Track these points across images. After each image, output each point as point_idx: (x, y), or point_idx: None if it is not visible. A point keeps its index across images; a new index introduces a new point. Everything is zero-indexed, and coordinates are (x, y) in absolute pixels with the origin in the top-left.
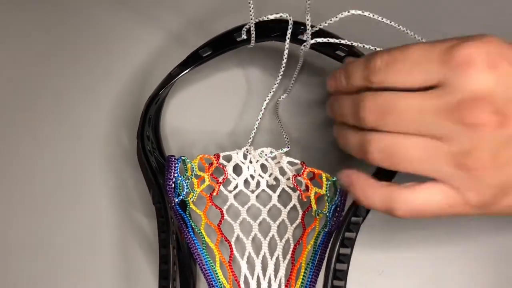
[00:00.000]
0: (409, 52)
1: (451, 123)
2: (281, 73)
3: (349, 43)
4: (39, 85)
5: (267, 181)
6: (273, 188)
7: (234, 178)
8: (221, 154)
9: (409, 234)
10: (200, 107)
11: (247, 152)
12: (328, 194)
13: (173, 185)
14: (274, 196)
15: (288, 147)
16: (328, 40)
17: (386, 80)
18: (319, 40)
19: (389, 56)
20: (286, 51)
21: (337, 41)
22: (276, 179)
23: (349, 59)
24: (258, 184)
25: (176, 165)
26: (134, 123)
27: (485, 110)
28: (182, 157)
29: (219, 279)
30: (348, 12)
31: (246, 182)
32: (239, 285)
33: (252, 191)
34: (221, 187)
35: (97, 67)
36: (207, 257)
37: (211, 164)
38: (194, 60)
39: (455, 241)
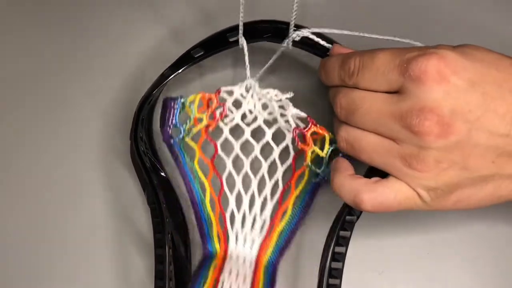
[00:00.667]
0: (376, 59)
1: (401, 127)
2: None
3: (326, 45)
4: (31, 87)
5: (264, 118)
6: (269, 125)
7: (231, 112)
8: (222, 89)
9: (409, 234)
10: None
11: (250, 87)
12: (327, 160)
13: (170, 130)
14: (269, 133)
15: (291, 94)
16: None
17: (358, 83)
18: (300, 35)
19: (361, 61)
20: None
21: (316, 31)
22: (275, 120)
23: (324, 59)
24: (255, 119)
25: (176, 110)
26: (127, 124)
27: (430, 121)
28: (182, 100)
29: (207, 212)
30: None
31: (244, 117)
32: (224, 219)
33: (248, 124)
34: (218, 122)
35: (89, 69)
36: (199, 190)
37: (209, 100)
38: (186, 60)
39: (455, 241)
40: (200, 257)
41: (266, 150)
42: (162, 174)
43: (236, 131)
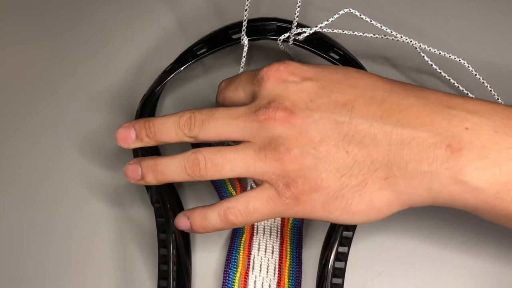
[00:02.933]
0: (239, 77)
1: (251, 124)
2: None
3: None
4: (33, 84)
5: None
6: None
7: None
8: None
9: (409, 234)
10: (195, 105)
11: None
12: None
13: None
14: None
15: None
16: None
17: (224, 97)
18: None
19: (228, 80)
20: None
21: (315, 29)
22: None
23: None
24: None
25: None
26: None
27: (274, 109)
28: None
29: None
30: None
31: None
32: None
33: None
34: None
35: (91, 66)
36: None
37: None
38: (189, 57)
39: (455, 241)
40: (230, 232)
41: None
42: None
43: None
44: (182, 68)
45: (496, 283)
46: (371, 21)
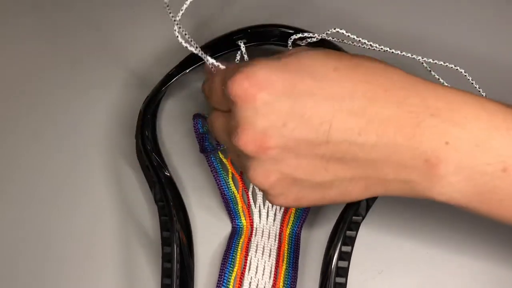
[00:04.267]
0: (213, 84)
1: (231, 143)
2: None
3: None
4: (38, 85)
5: None
6: None
7: None
8: None
9: (409, 234)
10: (197, 107)
11: None
12: None
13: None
14: None
15: None
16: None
17: (212, 105)
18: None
19: (210, 85)
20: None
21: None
22: None
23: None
24: None
25: (198, 123)
26: (133, 124)
27: (245, 137)
28: (201, 116)
29: (231, 191)
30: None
31: None
32: (248, 196)
33: None
34: None
35: (95, 68)
36: (222, 173)
37: None
38: (193, 61)
39: (455, 240)
40: (230, 232)
41: None
42: (166, 173)
43: None
44: (187, 71)
45: (496, 283)
46: (359, 40)
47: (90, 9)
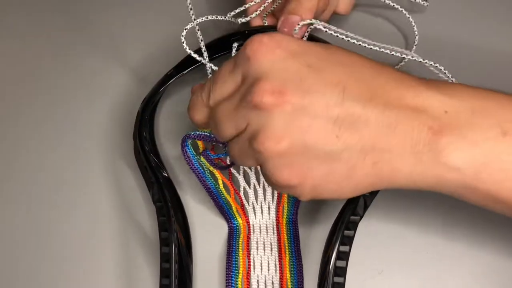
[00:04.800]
0: (221, 70)
1: (244, 108)
2: None
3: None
4: (36, 87)
5: None
6: None
7: None
8: None
9: (409, 234)
10: None
11: None
12: None
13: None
14: None
15: None
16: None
17: (214, 98)
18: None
19: (211, 80)
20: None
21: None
22: None
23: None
24: None
25: (186, 146)
26: (131, 124)
27: (263, 90)
28: (189, 137)
29: (223, 195)
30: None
31: None
32: (240, 196)
33: None
34: None
35: (93, 68)
36: (211, 180)
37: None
38: (191, 62)
39: (455, 240)
40: (227, 232)
41: None
42: (164, 173)
43: None
44: (184, 72)
45: (496, 283)
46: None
47: (89, 10)
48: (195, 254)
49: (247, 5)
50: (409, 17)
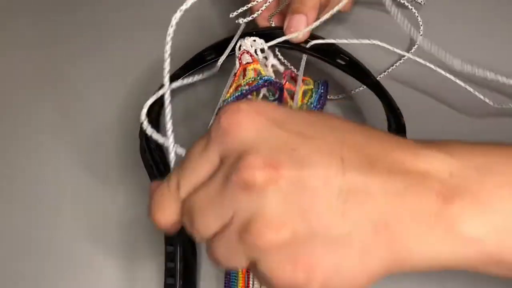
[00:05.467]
0: (191, 152)
1: (230, 194)
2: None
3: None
4: (41, 84)
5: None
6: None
7: None
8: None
9: None
10: (199, 110)
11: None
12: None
13: None
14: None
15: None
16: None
17: (186, 187)
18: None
19: (179, 167)
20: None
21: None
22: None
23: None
24: None
25: None
26: (138, 123)
27: (253, 164)
28: None
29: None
30: None
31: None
32: None
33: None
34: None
35: (100, 67)
36: None
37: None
38: (198, 62)
39: None
40: None
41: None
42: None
43: None
44: (191, 71)
45: (495, 282)
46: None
47: (96, 9)
48: (200, 253)
49: (249, 5)
50: (417, 15)
